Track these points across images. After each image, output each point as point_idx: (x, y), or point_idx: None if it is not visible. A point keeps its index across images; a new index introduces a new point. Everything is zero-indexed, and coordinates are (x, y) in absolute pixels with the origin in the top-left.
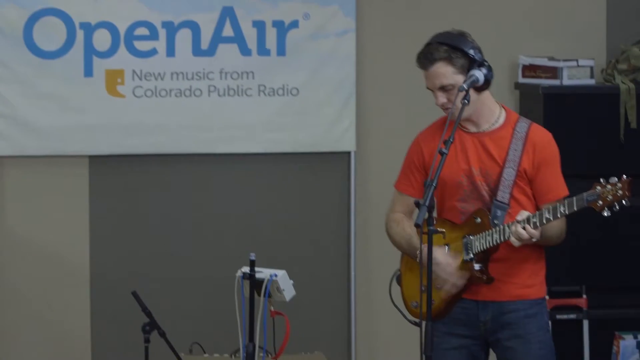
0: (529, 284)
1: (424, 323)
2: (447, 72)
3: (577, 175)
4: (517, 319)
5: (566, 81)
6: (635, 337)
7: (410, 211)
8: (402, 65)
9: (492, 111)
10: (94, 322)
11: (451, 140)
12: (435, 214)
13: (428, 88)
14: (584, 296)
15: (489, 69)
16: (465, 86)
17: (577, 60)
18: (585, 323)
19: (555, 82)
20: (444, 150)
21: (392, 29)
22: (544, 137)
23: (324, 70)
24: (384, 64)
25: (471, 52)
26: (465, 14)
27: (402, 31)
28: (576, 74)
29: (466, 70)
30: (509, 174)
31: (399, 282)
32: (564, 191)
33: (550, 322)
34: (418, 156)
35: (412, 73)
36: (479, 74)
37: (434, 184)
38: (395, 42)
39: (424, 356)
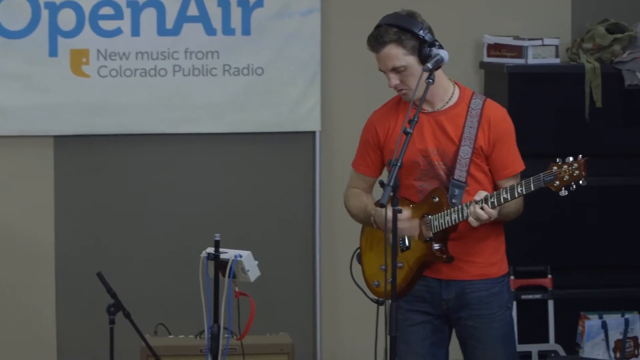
0: (492, 262)
1: (387, 302)
2: (398, 54)
3: (543, 154)
4: (479, 298)
5: (531, 60)
6: (601, 317)
7: (366, 187)
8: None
9: (446, 89)
10: (59, 303)
11: (416, 119)
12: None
13: (380, 70)
14: (549, 276)
15: (440, 47)
16: (430, 65)
17: (542, 39)
18: (551, 303)
19: (520, 61)
20: (408, 130)
21: (357, 8)
22: (498, 113)
23: (288, 50)
24: (348, 44)
25: (421, 32)
26: None
27: (367, 10)
28: (541, 53)
29: (417, 51)
30: (465, 152)
31: (359, 260)
32: (520, 166)
33: (512, 299)
34: (372, 135)
35: None
36: (444, 53)
37: (398, 164)
38: (360, 22)
39: (388, 336)
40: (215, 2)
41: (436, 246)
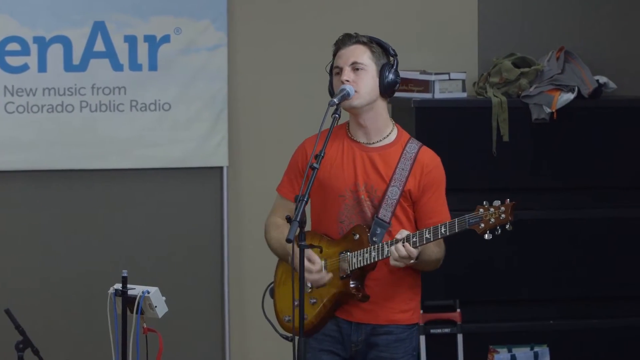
0: (405, 308)
1: (296, 338)
2: (364, 53)
3: (451, 189)
4: (387, 341)
5: (438, 94)
6: (510, 351)
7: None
8: (275, 80)
9: (386, 125)
10: None
11: (322, 155)
12: (310, 228)
13: (337, 67)
14: (458, 310)
15: (397, 76)
16: (336, 100)
17: (448, 74)
18: (460, 337)
19: (427, 95)
20: (315, 165)
21: (263, 43)
22: (432, 161)
23: (195, 85)
24: (256, 79)
25: (392, 52)
26: (337, 28)
27: (273, 46)
28: (448, 87)
29: (379, 67)
30: (393, 193)
31: (272, 294)
32: (447, 217)
33: (418, 348)
34: (303, 161)
35: (284, 87)
36: (350, 89)
37: (305, 199)
38: (267, 57)
39: None
40: (121, 37)
41: (352, 283)
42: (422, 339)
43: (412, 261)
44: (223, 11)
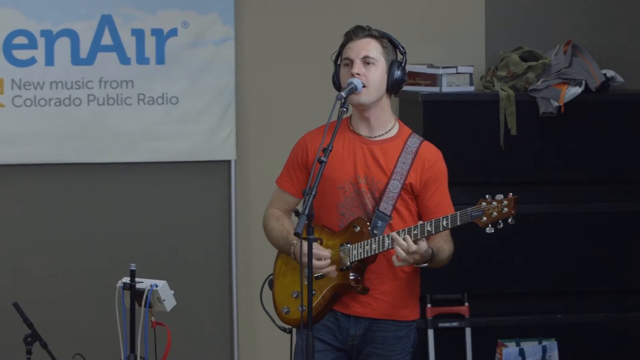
0: (403, 304)
1: (293, 330)
2: (376, 48)
3: (457, 183)
4: (384, 338)
5: (445, 88)
6: (518, 345)
7: (289, 209)
8: (282, 73)
9: (389, 120)
10: None
11: (330, 148)
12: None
13: (346, 59)
14: (466, 304)
15: (405, 74)
16: (343, 94)
17: (456, 67)
18: (468, 331)
19: (434, 89)
20: (322, 158)
21: (271, 37)
22: (434, 155)
23: (203, 79)
24: (263, 72)
25: (402, 50)
26: (344, 22)
27: (281, 39)
28: (455, 81)
29: (389, 63)
30: (394, 186)
31: (271, 286)
32: (451, 211)
33: (416, 344)
34: (302, 154)
35: (292, 80)
36: (358, 83)
37: (313, 193)
38: (275, 50)
39: None
40: (129, 31)
41: (352, 275)
42: (430, 332)
43: (424, 264)
44: (230, 4)
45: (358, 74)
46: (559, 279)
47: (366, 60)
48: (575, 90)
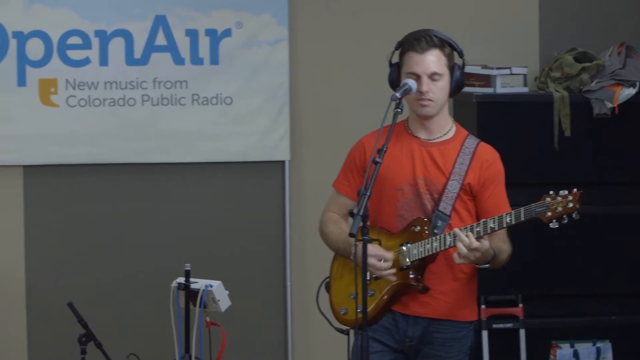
0: (462, 305)
1: (351, 331)
2: (441, 59)
3: (511, 184)
4: (442, 339)
5: (499, 89)
6: (572, 346)
7: (346, 213)
8: (335, 73)
9: (447, 122)
10: (30, 333)
11: (384, 149)
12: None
13: (411, 73)
14: (520, 305)
15: (464, 78)
16: (398, 95)
17: (510, 68)
18: (522, 332)
19: (488, 90)
20: (377, 159)
21: (325, 37)
22: (491, 156)
23: (257, 79)
24: (317, 73)
25: (460, 52)
26: (398, 22)
27: (335, 40)
28: (509, 82)
29: (451, 70)
30: (453, 186)
31: (328, 289)
32: (509, 210)
33: (474, 345)
34: (360, 158)
35: (346, 81)
36: (412, 84)
37: (367, 194)
38: (329, 51)
39: None
40: (183, 31)
41: (412, 274)
42: (485, 334)
43: (486, 265)
44: (284, 5)
45: (426, 93)
46: (613, 280)
47: (433, 78)
48: (630, 92)
